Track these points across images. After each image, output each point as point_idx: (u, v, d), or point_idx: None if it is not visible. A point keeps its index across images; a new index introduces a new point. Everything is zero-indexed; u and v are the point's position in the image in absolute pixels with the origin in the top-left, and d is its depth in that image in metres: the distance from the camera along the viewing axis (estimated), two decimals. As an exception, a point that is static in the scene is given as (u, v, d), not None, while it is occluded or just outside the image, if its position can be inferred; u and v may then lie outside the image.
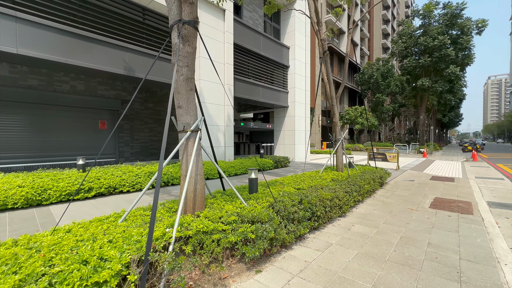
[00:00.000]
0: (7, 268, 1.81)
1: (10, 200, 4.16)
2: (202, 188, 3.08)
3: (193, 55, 2.99)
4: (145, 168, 6.47)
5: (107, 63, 6.98)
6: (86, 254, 1.94)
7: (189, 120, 2.99)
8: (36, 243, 2.21)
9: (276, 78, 13.92)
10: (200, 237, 2.47)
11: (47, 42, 5.97)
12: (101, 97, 11.04)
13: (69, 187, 4.77)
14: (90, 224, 2.63)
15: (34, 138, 9.60)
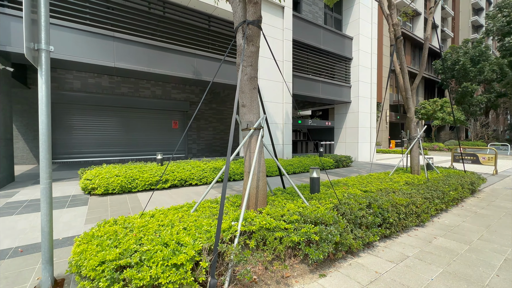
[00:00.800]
0: (111, 242, 2.21)
1: (110, 186, 5.12)
2: (264, 185, 3.13)
3: (257, 54, 3.05)
4: (210, 164, 7.01)
5: (179, 69, 7.83)
6: (167, 238, 2.20)
7: (252, 118, 3.06)
8: (129, 223, 2.64)
9: (338, 72, 13.09)
10: (263, 233, 2.51)
11: (134, 55, 7.09)
12: (173, 100, 12.48)
13: (151, 178, 5.57)
14: (168, 212, 2.99)
15: (124, 136, 11.56)
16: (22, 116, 9.63)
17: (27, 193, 5.29)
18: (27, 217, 3.85)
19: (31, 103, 9.80)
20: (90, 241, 2.26)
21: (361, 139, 13.17)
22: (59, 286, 2.17)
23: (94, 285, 1.90)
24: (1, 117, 5.71)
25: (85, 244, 2.20)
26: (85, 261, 1.99)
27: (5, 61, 6.01)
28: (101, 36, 6.61)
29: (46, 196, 2.11)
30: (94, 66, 6.77)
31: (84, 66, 6.76)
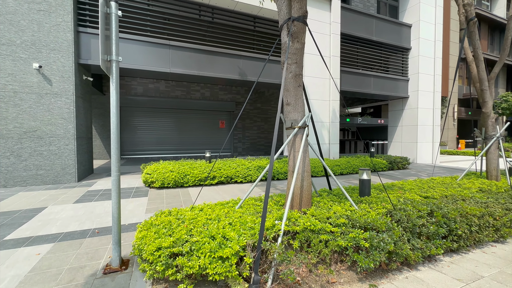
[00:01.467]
0: (166, 230, 2.44)
1: (166, 180, 5.67)
2: (309, 185, 3.04)
3: (302, 51, 2.97)
4: (254, 162, 7.14)
5: (226, 71, 8.18)
6: (214, 231, 2.33)
7: (297, 117, 3.00)
8: (181, 215, 2.87)
9: (393, 65, 11.90)
10: (307, 235, 2.44)
11: (187, 61, 7.67)
12: (220, 101, 13.09)
13: (200, 174, 5.96)
14: (215, 207, 3.15)
15: (177, 135, 12.61)
16: (99, 118, 11.37)
17: (102, 183, 6.24)
18: (102, 204, 4.53)
19: (106, 107, 11.49)
20: (149, 229, 2.53)
21: (421, 138, 11.71)
22: (125, 265, 2.50)
23: (152, 268, 2.13)
24: (84, 119, 6.84)
25: (145, 231, 2.48)
26: (145, 246, 2.24)
27: (87, 72, 7.17)
28: (159, 45, 7.35)
29: (115, 187, 2.45)
30: (153, 73, 7.56)
31: (145, 73, 7.61)
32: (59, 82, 6.05)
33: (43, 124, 5.92)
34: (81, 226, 3.51)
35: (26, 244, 2.94)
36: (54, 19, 5.97)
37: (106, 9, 2.32)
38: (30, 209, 4.21)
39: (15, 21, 5.67)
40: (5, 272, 2.36)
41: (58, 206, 4.41)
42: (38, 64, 5.77)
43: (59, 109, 6.04)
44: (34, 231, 3.32)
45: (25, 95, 5.77)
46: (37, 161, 5.88)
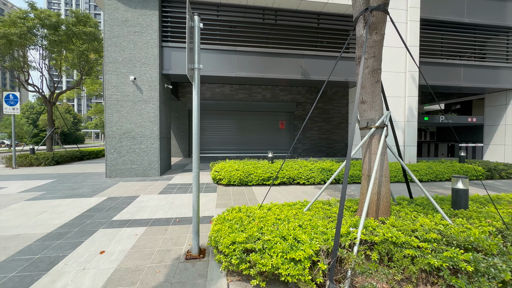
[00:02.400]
0: (238, 226, 2.57)
1: (232, 179, 6.02)
2: (387, 192, 2.73)
3: (381, 43, 2.69)
4: (318, 164, 6.89)
5: (288, 72, 8.17)
6: (284, 232, 2.33)
7: (374, 116, 2.74)
8: (251, 213, 2.98)
9: (491, 50, 9.69)
10: (388, 247, 2.19)
11: (250, 64, 7.99)
12: (281, 101, 13.15)
13: (263, 174, 6.11)
14: (283, 207, 3.16)
15: (240, 136, 13.25)
16: (174, 121, 12.96)
17: (179, 178, 7.07)
18: (180, 196, 5.13)
19: (180, 111, 13.01)
20: (223, 223, 2.72)
21: (537, 140, 9.15)
22: (202, 253, 2.74)
23: (227, 260, 2.27)
24: (164, 121, 7.90)
25: (220, 225, 2.67)
26: (220, 238, 2.41)
27: (167, 81, 8.26)
28: (226, 52, 7.88)
29: (195, 182, 2.72)
30: (220, 78, 8.16)
31: (214, 78, 8.27)
32: (148, 90, 7.15)
33: (136, 126, 7.10)
34: (165, 214, 4.04)
35: (127, 225, 3.56)
36: (145, 38, 7.10)
37: (190, 23, 2.60)
38: (128, 197, 5.09)
39: (118, 43, 6.98)
40: (115, 246, 2.91)
41: (147, 195, 5.20)
42: (133, 77, 6.96)
43: (147, 114, 7.14)
44: (131, 215, 4.00)
45: (124, 102, 7.04)
46: (131, 157, 7.10)
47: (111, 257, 2.64)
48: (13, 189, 5.68)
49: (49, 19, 9.85)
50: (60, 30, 10.18)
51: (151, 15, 7.12)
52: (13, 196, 5.11)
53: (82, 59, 11.36)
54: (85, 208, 4.31)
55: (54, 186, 5.98)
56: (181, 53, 7.56)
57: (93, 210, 4.24)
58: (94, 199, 4.88)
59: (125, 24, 7.01)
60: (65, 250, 2.79)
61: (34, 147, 10.73)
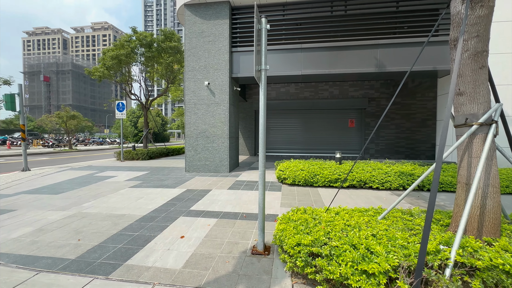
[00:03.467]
0: (303, 228, 2.51)
1: (297, 178, 5.94)
2: (496, 206, 2.15)
3: (488, 18, 2.14)
4: (395, 167, 6.07)
5: (358, 65, 7.48)
6: (355, 240, 2.13)
7: (476, 110, 2.20)
8: (316, 215, 2.87)
9: None
10: (497, 277, 1.72)
11: (317, 60, 7.69)
12: (350, 98, 12.18)
13: (330, 175, 5.79)
14: (352, 212, 2.91)
15: (304, 135, 12.95)
16: (242, 121, 13.72)
17: (245, 175, 7.46)
18: (246, 193, 5.39)
19: (247, 112, 13.68)
20: (287, 223, 2.70)
21: None
22: (267, 251, 2.80)
23: (292, 262, 2.24)
24: (233, 122, 8.46)
25: (285, 224, 2.66)
26: (285, 238, 2.40)
27: (236, 83, 8.82)
28: (291, 50, 7.82)
29: (262, 180, 2.80)
30: (286, 77, 8.16)
31: (279, 78, 8.34)
32: (219, 94, 7.80)
33: (209, 127, 7.86)
34: (233, 209, 4.32)
35: (201, 215, 3.98)
36: (217, 46, 7.77)
37: (258, 26, 2.69)
38: (202, 190, 5.69)
39: (195, 53, 7.88)
40: (192, 233, 3.29)
41: (218, 190, 5.68)
42: (207, 82, 7.72)
43: (219, 115, 7.80)
44: (205, 207, 4.44)
45: (200, 105, 7.89)
46: (205, 154, 7.90)
47: (189, 242, 3.00)
48: (121, 178, 7.16)
49: (145, 39, 11.97)
50: (153, 47, 12.22)
51: (223, 24, 7.73)
52: (121, 183, 6.44)
53: (168, 70, 13.33)
54: (169, 197, 5.04)
55: (148, 177, 7.23)
56: (248, 57, 7.92)
57: (175, 199, 4.91)
58: (176, 190, 5.65)
59: (201, 35, 7.84)
60: (155, 231, 3.33)
61: (134, 145, 13.28)
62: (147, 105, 14.06)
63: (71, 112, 24.58)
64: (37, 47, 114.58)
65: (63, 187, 5.98)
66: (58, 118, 23.87)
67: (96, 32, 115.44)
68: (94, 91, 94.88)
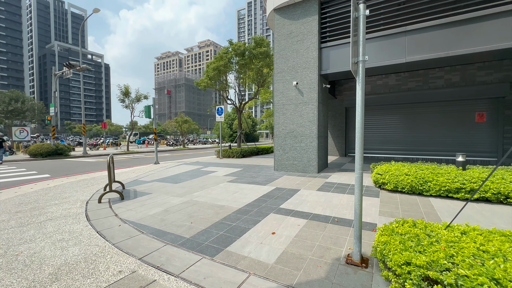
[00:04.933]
0: (413, 244, 2.09)
1: (400, 184, 5.08)
2: None
3: None
4: None
5: (492, 40, 5.64)
6: (498, 273, 1.59)
7: None
8: (432, 232, 2.34)
9: None
10: None
11: (427, 43, 6.32)
12: (479, 84, 9.42)
13: (448, 183, 4.63)
14: (490, 235, 2.20)
15: (407, 134, 10.96)
16: (331, 119, 13.01)
17: (336, 177, 7.02)
18: (338, 196, 5.05)
19: (336, 109, 12.87)
20: (391, 235, 2.33)
21: None
22: (365, 263, 2.51)
23: (400, 282, 1.91)
24: (322, 120, 8.12)
25: (387, 237, 2.30)
26: (389, 253, 2.07)
27: (325, 80, 8.43)
28: (392, 36, 6.75)
29: (358, 183, 2.53)
30: (384, 67, 7.13)
31: (376, 69, 7.39)
32: (308, 92, 7.67)
33: (297, 126, 7.86)
34: (324, 211, 4.13)
35: (291, 214, 4.01)
36: (305, 44, 7.67)
37: (355, 13, 2.44)
38: (291, 189, 5.74)
39: (284, 54, 8.05)
40: (282, 231, 3.36)
41: (307, 190, 5.58)
42: (296, 82, 7.74)
43: (307, 114, 7.68)
44: (294, 206, 4.45)
45: (288, 105, 8.01)
46: (293, 154, 7.95)
47: (280, 240, 3.08)
48: (220, 173, 8.20)
49: (239, 48, 13.26)
50: (245, 55, 13.38)
51: (311, 21, 7.54)
52: (220, 178, 7.37)
53: (259, 74, 14.25)
54: (260, 194, 5.36)
55: (241, 174, 7.96)
56: (339, 51, 7.41)
57: (266, 196, 5.17)
58: (266, 187, 5.95)
59: (289, 36, 7.94)
60: (249, 224, 3.60)
61: (230, 144, 14.97)
62: (241, 108, 15.52)
63: (184, 117, 30.26)
64: (162, 68, 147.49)
65: (180, 178, 7.40)
66: (176, 122, 29.90)
67: (201, 50, 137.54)
68: (200, 99, 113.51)
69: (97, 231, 3.43)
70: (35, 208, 4.60)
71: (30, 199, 5.28)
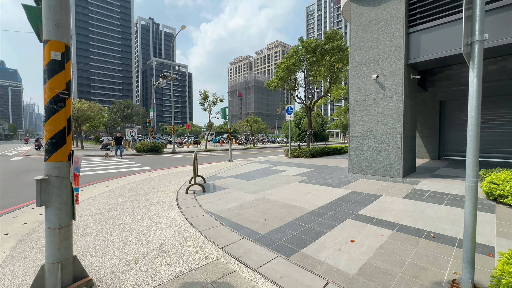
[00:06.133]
0: None
1: None
2: None
3: None
4: None
5: None
6: None
7: None
8: None
9: None
10: None
11: None
12: None
13: None
14: None
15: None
16: (419, 116, 11.10)
17: (427, 184, 5.94)
18: (433, 207, 4.24)
19: (426, 104, 10.89)
20: (524, 266, 1.77)
21: None
22: (479, 295, 2.00)
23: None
24: (409, 118, 7.00)
25: (517, 266, 1.76)
26: (523, 289, 1.57)
27: (413, 71, 7.23)
28: (517, 5, 5.18)
29: (471, 195, 2.03)
30: (506, 47, 5.54)
31: (495, 50, 5.81)
32: (391, 86, 6.76)
33: (377, 125, 7.03)
34: (414, 223, 3.53)
35: (372, 222, 3.60)
36: (388, 32, 6.77)
37: (469, -17, 1.96)
38: (370, 194, 5.18)
39: (361, 46, 7.33)
40: (363, 240, 3.04)
41: (390, 197, 4.92)
42: (376, 75, 6.93)
43: (389, 111, 6.77)
44: (375, 213, 3.98)
45: (366, 102, 7.26)
46: (372, 155, 7.16)
47: (361, 249, 2.79)
48: (290, 173, 8.16)
49: (310, 45, 12.87)
50: (317, 52, 12.88)
51: (397, 3, 6.59)
52: (291, 177, 7.33)
53: (331, 70, 13.50)
54: (334, 197, 5.04)
55: (312, 174, 7.71)
56: (434, 34, 6.20)
57: (340, 200, 4.83)
58: (341, 190, 5.55)
59: (368, 25, 7.16)
60: (324, 228, 3.42)
61: (299, 143, 14.75)
62: (311, 107, 15.07)
63: (254, 118, 31.68)
64: (235, 72, 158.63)
65: (252, 176, 7.76)
66: (246, 122, 31.63)
67: (269, 51, 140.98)
68: (268, 99, 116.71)
69: (186, 218, 3.94)
70: (142, 194, 5.67)
71: (138, 186, 6.54)
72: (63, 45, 1.84)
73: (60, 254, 1.83)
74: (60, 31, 1.82)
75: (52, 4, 1.77)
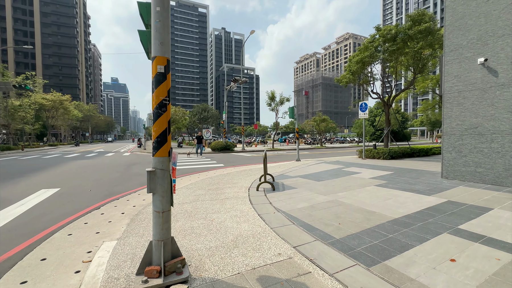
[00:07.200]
0: None
1: None
2: None
3: None
4: None
5: None
6: None
7: None
8: None
9: None
10: None
11: None
12: None
13: None
14: None
15: None
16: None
17: None
18: None
19: None
20: None
21: None
22: None
23: None
24: (538, 110, 5.32)
25: None
26: None
27: (545, 48, 5.45)
28: None
29: None
30: None
31: None
32: (505, 71, 5.30)
33: (484, 120, 5.64)
34: (550, 250, 2.66)
35: (479, 241, 2.91)
36: (504, 2, 5.32)
37: None
38: (474, 206, 4.20)
39: (462, 25, 6.01)
40: (468, 261, 2.49)
41: (506, 212, 3.87)
42: (483, 58, 5.57)
43: (504, 102, 5.32)
44: (484, 230, 3.20)
45: (467, 92, 5.92)
46: (476, 158, 5.79)
47: (466, 272, 2.29)
48: (365, 175, 7.45)
49: (389, 32, 11.41)
50: (398, 39, 11.31)
51: (518, -37, 5.11)
52: (366, 180, 6.68)
53: (416, 58, 11.62)
54: (424, 205, 4.31)
55: (393, 178, 6.82)
56: None
57: (432, 209, 4.09)
58: (432, 199, 4.71)
59: (473, -3, 5.81)
60: (412, 240, 2.97)
61: (375, 143, 13.28)
62: (389, 102, 13.38)
63: (322, 116, 30.38)
64: (301, 71, 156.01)
65: (322, 177, 7.45)
66: (314, 121, 30.64)
67: (338, 45, 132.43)
68: (337, 96, 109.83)
69: (258, 214, 4.11)
70: (218, 188, 6.24)
71: (214, 181, 7.23)
72: (165, 59, 2.19)
73: (163, 234, 2.19)
74: (163, 48, 2.18)
75: (159, 27, 2.14)
